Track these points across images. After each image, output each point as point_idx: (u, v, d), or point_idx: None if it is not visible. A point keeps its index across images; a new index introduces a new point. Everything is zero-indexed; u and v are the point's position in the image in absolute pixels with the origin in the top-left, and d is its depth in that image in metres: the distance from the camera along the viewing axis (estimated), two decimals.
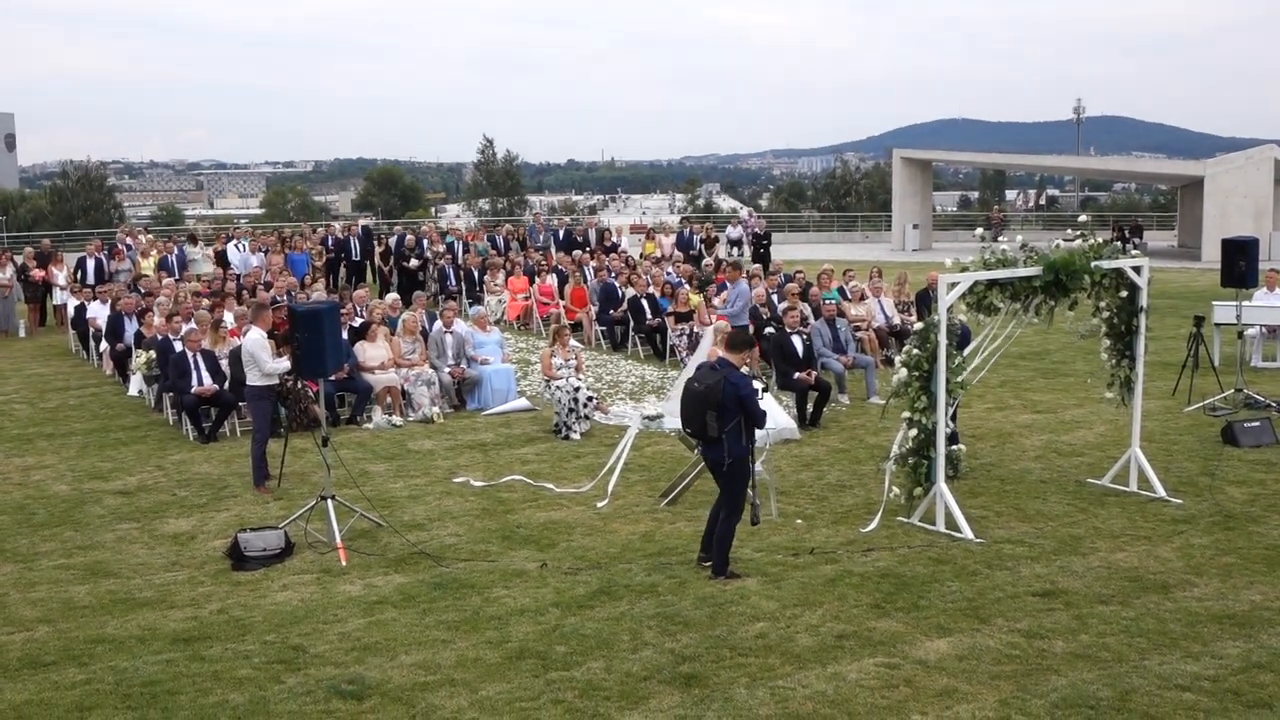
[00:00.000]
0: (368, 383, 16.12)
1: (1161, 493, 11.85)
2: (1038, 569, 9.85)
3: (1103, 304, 12.00)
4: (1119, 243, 12.83)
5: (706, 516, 10.09)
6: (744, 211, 47.42)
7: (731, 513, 9.69)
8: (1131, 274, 11.74)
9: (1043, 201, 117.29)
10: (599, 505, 11.99)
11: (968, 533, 10.64)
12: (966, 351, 11.59)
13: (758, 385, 10.47)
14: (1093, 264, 11.25)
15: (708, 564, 9.82)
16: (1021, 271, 10.95)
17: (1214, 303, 19.29)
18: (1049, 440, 14.46)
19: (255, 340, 12.72)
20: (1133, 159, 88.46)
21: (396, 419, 15.96)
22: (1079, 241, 11.46)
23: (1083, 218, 12.34)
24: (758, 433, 12.90)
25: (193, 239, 31.95)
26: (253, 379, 12.76)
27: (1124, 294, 11.85)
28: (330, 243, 30.14)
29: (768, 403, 14.43)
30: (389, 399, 16.22)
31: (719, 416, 9.41)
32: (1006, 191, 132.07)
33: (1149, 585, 9.45)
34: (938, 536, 10.73)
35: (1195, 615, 8.81)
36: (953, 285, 10.69)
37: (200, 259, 28.47)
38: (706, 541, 9.97)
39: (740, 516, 9.76)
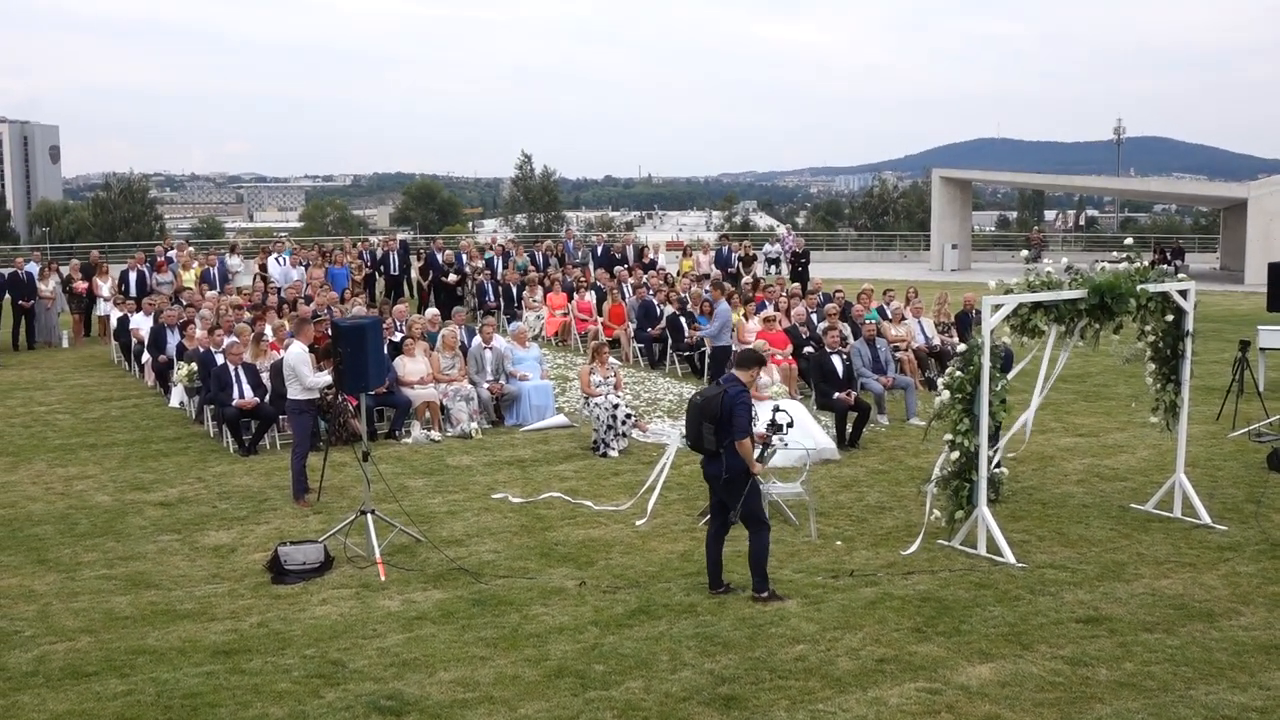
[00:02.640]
0: (407, 397, 16.17)
1: (1206, 519, 11.72)
2: (1081, 595, 9.75)
3: (1148, 327, 11.90)
4: (1163, 266, 12.73)
5: (743, 540, 10.01)
6: (783, 229, 47.34)
7: (757, 527, 9.63)
8: (1177, 298, 11.64)
9: (1082, 222, 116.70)
10: (638, 523, 11.96)
11: (1009, 557, 10.56)
12: (1011, 375, 11.50)
13: (781, 421, 10.40)
14: (1139, 287, 11.16)
15: (723, 592, 9.76)
16: (1066, 294, 10.88)
17: (1259, 327, 19.07)
18: (1091, 464, 14.34)
19: (297, 354, 12.79)
20: (1174, 180, 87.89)
21: (435, 434, 16.00)
22: (1124, 264, 11.37)
23: (1128, 240, 12.26)
24: (797, 452, 12.92)
25: (232, 248, 32.20)
26: (294, 393, 12.83)
27: (1169, 318, 11.74)
28: (368, 257, 30.31)
29: (803, 427, 14.44)
30: (428, 414, 16.27)
31: (715, 430, 9.41)
32: (1045, 212, 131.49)
33: (1194, 613, 9.34)
34: (979, 560, 10.65)
35: (1242, 645, 8.70)
36: (997, 307, 10.62)
37: (242, 271, 28.71)
38: (713, 574, 9.84)
39: (767, 528, 9.69)
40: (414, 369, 16.62)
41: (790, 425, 10.59)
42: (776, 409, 10.72)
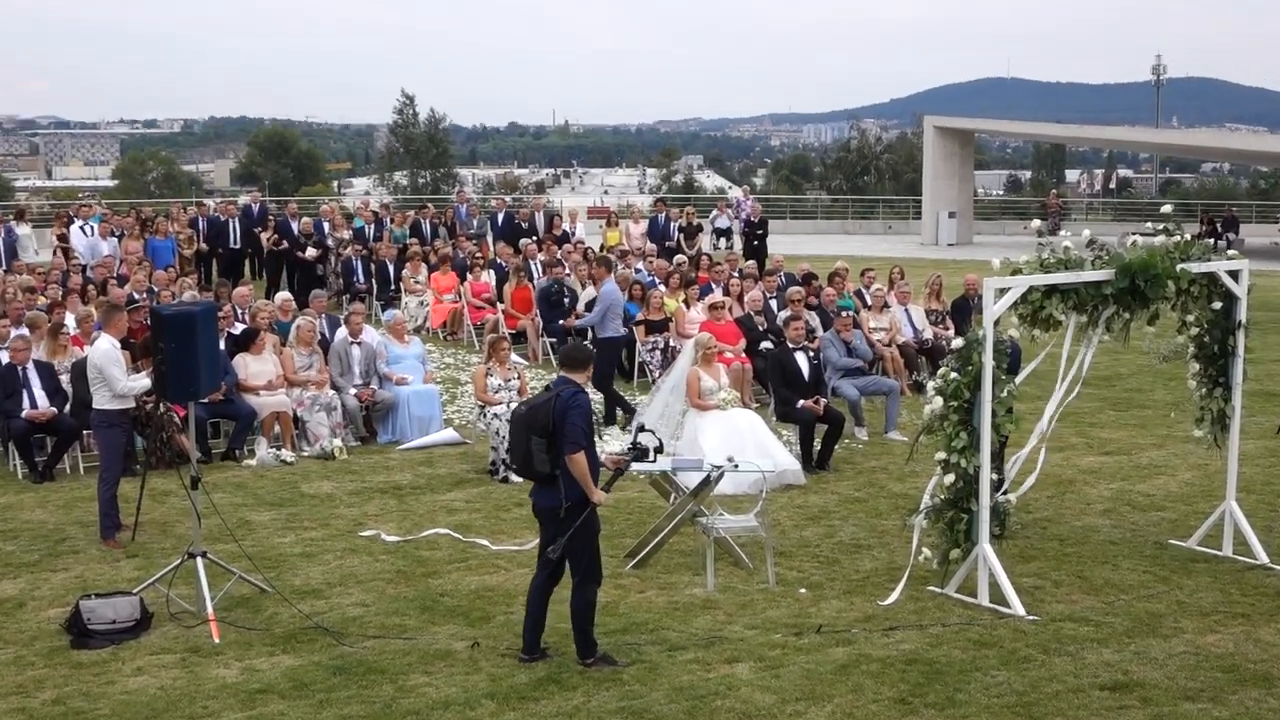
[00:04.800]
0: (250, 406, 16.03)
1: (1263, 558, 11.89)
2: (1106, 655, 9.87)
3: (1190, 318, 12.06)
4: (1210, 239, 12.93)
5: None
6: (736, 193, 47.43)
7: (586, 578, 9.64)
8: (1227, 280, 11.80)
9: (1112, 185, 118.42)
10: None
11: (1018, 608, 10.66)
12: (1020, 378, 11.60)
13: (647, 444, 10.38)
14: (1179, 267, 11.30)
15: (533, 660, 9.77)
16: (1089, 275, 10.99)
17: None
18: (1121, 490, 14.54)
19: (105, 351, 12.62)
20: (1225, 132, 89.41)
21: (287, 453, 15.89)
22: (1161, 238, 11.51)
23: (1168, 207, 12.40)
24: (751, 476, 12.96)
25: (20, 214, 31.72)
26: (101, 401, 12.65)
27: (1217, 305, 11.91)
28: (203, 226, 30.03)
29: (759, 444, 14.50)
30: (277, 428, 16.15)
31: (547, 445, 9.43)
32: (1067, 171, 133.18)
33: (1247, 677, 9.48)
34: (979, 612, 10.75)
35: None
36: (1002, 292, 10.71)
37: (30, 244, 28.30)
38: (531, 636, 9.84)
39: (598, 580, 9.74)
40: (259, 370, 16.48)
41: (659, 450, 10.58)
42: (641, 428, 10.71)
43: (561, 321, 22.08)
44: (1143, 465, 15.64)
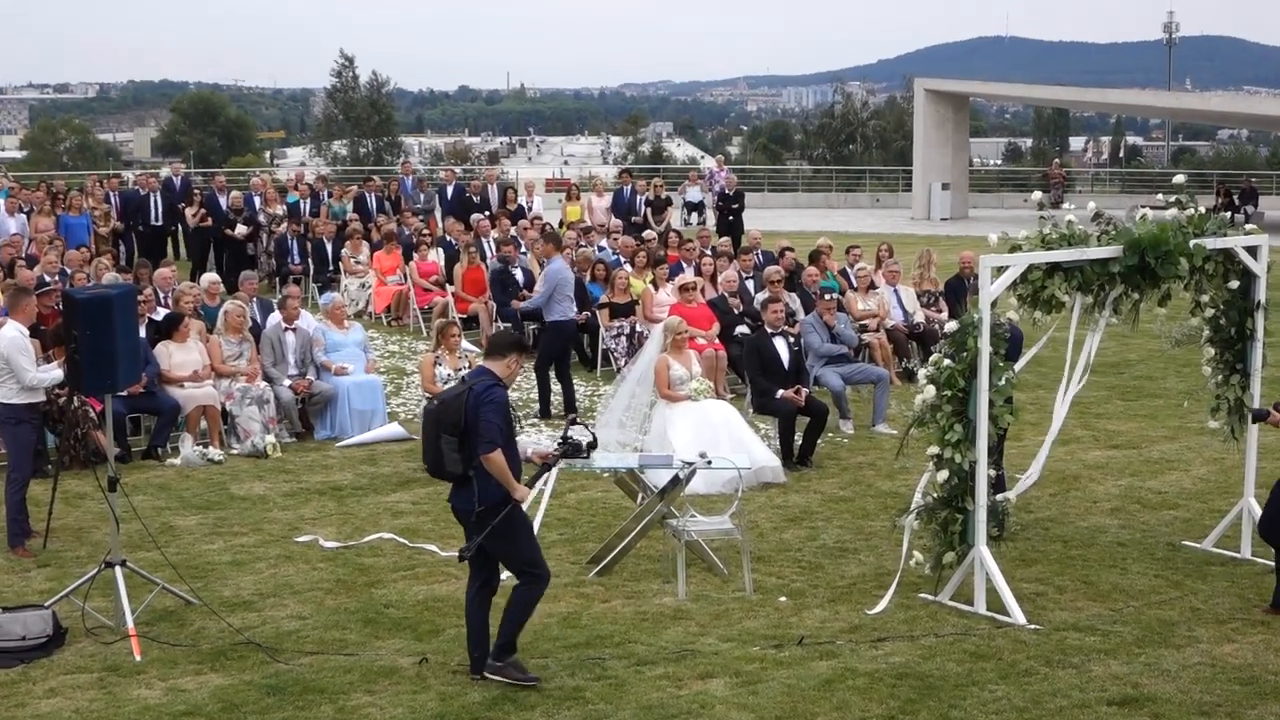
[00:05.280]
0: (174, 400, 15.96)
1: None
2: (1114, 667, 9.91)
3: (1205, 298, 12.10)
4: (1227, 213, 12.97)
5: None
6: (709, 163, 47.37)
7: (531, 578, 9.69)
8: (1245, 257, 11.84)
9: (1120, 153, 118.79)
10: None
11: (1018, 616, 10.69)
12: (1021, 364, 11.63)
13: (579, 439, 10.36)
14: (1192, 243, 11.34)
15: (493, 675, 9.74)
16: (1094, 252, 11.01)
17: None
18: (1130, 487, 14.61)
19: (12, 339, 12.54)
20: (1243, 96, 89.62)
21: (214, 451, 15.83)
22: (1173, 211, 11.55)
23: (1178, 178, 12.44)
24: (726, 473, 12.97)
25: None
26: (8, 394, 12.58)
27: (1234, 284, 11.94)
28: (119, 201, 29.85)
29: (734, 438, 14.52)
30: (204, 423, 16.09)
31: (460, 443, 9.42)
32: (1070, 139, 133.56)
33: (1267, 689, 9.52)
34: (976, 621, 10.78)
35: None
36: (1000, 270, 10.73)
37: None
38: (476, 652, 9.80)
39: (545, 578, 9.78)
40: (184, 360, 16.41)
41: (593, 446, 10.57)
42: (574, 420, 10.67)
43: (513, 304, 22.04)
44: (1153, 460, 15.71)
